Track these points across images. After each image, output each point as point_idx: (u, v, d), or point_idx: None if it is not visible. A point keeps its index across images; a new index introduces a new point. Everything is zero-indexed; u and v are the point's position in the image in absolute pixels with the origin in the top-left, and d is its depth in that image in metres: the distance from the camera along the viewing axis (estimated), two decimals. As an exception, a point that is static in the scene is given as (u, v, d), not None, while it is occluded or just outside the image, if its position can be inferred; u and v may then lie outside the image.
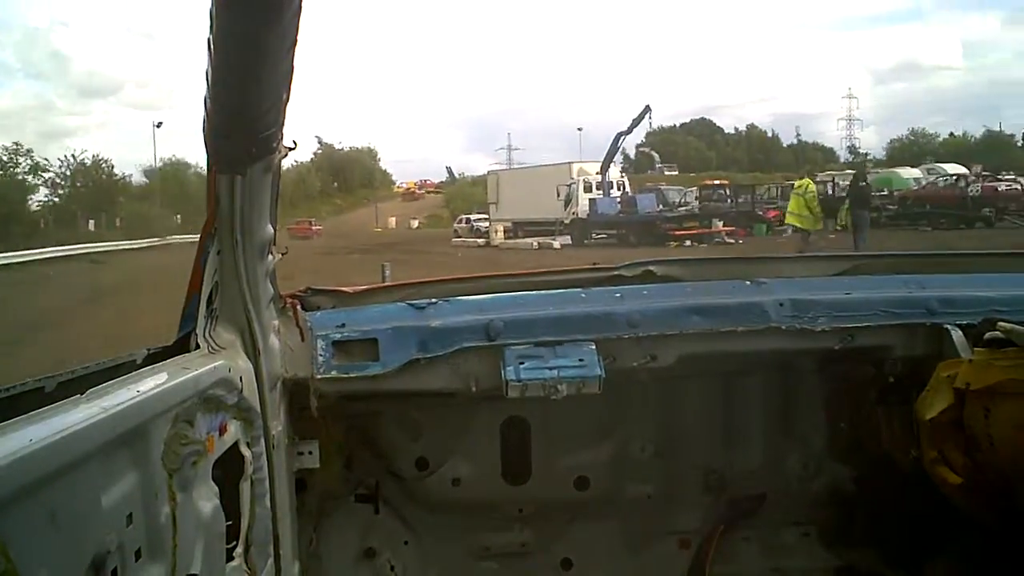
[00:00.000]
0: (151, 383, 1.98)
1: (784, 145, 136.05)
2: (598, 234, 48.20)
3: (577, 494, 3.58)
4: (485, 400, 3.18)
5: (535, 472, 3.55)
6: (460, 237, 58.09)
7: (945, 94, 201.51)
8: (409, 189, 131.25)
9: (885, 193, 49.21)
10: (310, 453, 3.06)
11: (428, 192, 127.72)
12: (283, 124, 2.26)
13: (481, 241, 52.95)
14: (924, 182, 54.24)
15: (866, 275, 3.45)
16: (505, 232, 53.86)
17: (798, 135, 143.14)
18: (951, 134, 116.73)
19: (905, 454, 3.13)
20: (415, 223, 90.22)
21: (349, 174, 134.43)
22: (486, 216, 62.18)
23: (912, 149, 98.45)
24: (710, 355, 3.13)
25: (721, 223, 43.63)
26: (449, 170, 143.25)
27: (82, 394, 1.76)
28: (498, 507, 3.62)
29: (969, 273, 3.43)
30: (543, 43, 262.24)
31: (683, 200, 51.01)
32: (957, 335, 2.94)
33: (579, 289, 3.29)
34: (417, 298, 3.17)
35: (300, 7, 1.87)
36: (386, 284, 3.86)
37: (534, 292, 3.29)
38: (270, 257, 2.64)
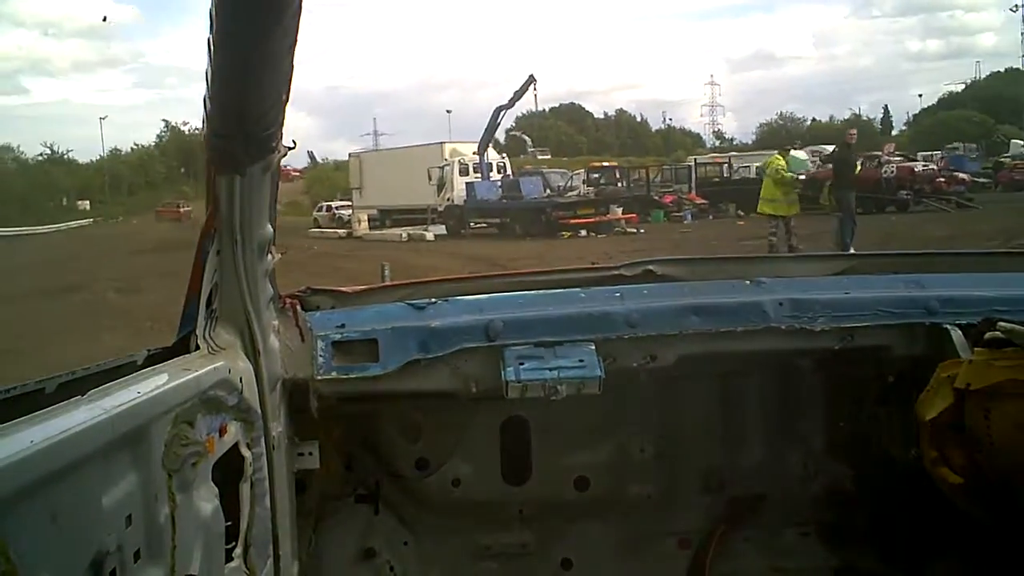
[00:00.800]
0: (151, 384, 1.99)
1: (653, 130, 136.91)
2: (477, 223, 42.72)
3: (577, 494, 3.58)
4: (485, 400, 3.18)
5: (535, 472, 3.55)
6: (320, 227, 52.13)
7: (799, 82, 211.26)
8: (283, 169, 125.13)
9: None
10: (310, 454, 3.06)
11: (292, 177, 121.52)
12: (282, 124, 2.27)
13: (343, 232, 47.10)
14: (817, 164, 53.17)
15: (865, 275, 3.46)
16: (371, 221, 48.94)
17: (668, 120, 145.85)
18: (814, 119, 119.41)
19: (905, 454, 3.13)
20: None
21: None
22: (351, 203, 55.08)
23: (781, 133, 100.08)
24: (709, 355, 3.14)
25: (620, 210, 39.22)
26: (311, 155, 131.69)
27: (83, 395, 1.76)
28: (498, 507, 3.61)
29: (969, 273, 3.46)
30: (406, 25, 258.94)
31: (569, 184, 45.32)
32: (957, 335, 2.95)
33: (578, 289, 3.29)
34: (417, 298, 3.18)
35: (300, 7, 1.88)
36: (386, 284, 3.91)
37: (533, 292, 3.30)
38: (269, 257, 2.63)
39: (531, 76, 45.57)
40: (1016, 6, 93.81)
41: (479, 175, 45.15)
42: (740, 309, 3.10)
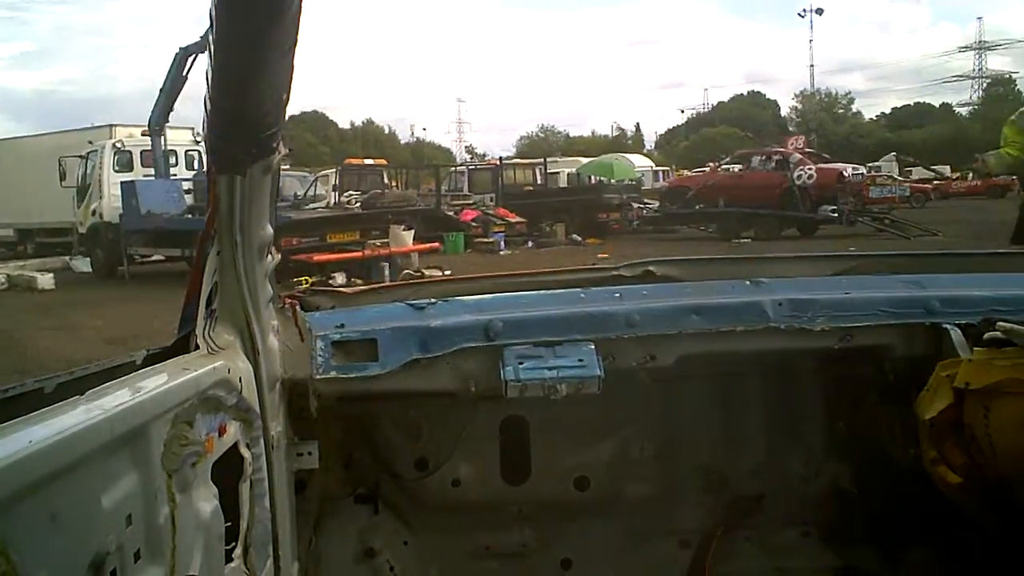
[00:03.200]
0: (151, 384, 2.00)
1: (402, 143, 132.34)
2: (145, 257, 25.70)
3: (577, 494, 3.60)
4: (485, 400, 3.18)
5: (535, 472, 3.56)
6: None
7: (520, 103, 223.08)
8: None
9: (613, 184, 36.89)
10: (309, 454, 3.07)
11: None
12: (283, 124, 2.30)
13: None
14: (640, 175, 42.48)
15: (865, 275, 3.49)
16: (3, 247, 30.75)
17: (423, 129, 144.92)
18: (568, 135, 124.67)
19: (905, 454, 3.15)
20: None
21: None
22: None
23: (542, 146, 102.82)
24: (709, 355, 3.15)
25: (410, 234, 23.23)
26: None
27: (82, 395, 1.77)
28: (498, 507, 3.63)
29: (969, 273, 3.47)
30: (134, 24, 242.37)
31: (312, 192, 30.23)
32: (956, 335, 2.96)
33: (578, 289, 3.30)
34: (416, 298, 3.19)
35: (300, 7, 1.91)
36: (386, 284, 3.97)
37: (533, 292, 3.31)
38: (269, 257, 2.66)
39: None
40: (804, 11, 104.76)
41: (153, 170, 27.02)
42: (740, 309, 3.11)
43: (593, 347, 3.00)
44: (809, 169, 29.57)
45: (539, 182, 39.66)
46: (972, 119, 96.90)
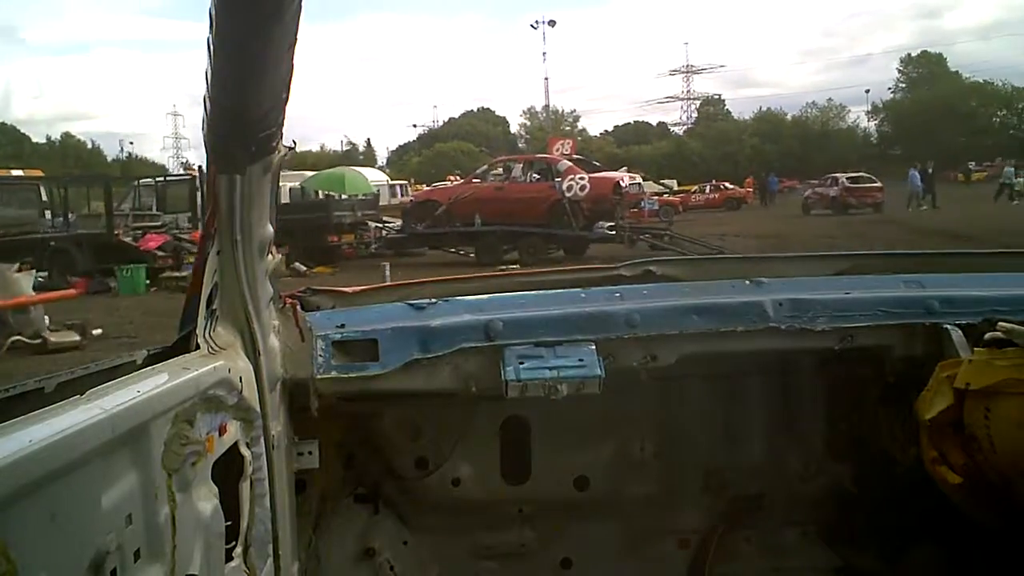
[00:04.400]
0: (151, 383, 1.98)
1: (109, 160, 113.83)
2: None
3: (577, 494, 3.60)
4: (485, 400, 3.18)
5: (535, 472, 3.57)
6: None
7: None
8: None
9: (345, 199, 30.61)
10: (310, 453, 3.06)
11: None
12: (283, 124, 2.30)
13: None
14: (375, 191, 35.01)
15: (865, 275, 3.48)
16: None
17: (130, 143, 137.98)
18: (294, 149, 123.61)
19: (905, 454, 3.15)
20: None
21: None
22: None
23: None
24: (710, 355, 3.14)
25: (29, 278, 16.00)
26: None
27: (82, 395, 1.76)
28: (498, 507, 3.64)
29: (969, 273, 3.47)
30: None
31: None
32: (957, 335, 2.96)
33: (579, 289, 3.30)
34: (417, 298, 3.18)
35: (300, 7, 1.91)
36: (386, 284, 3.89)
37: (534, 292, 3.31)
38: (270, 257, 2.65)
39: None
40: (536, 22, 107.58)
41: None
42: (740, 309, 3.10)
43: (594, 347, 2.99)
44: (580, 179, 25.38)
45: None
46: (690, 137, 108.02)
